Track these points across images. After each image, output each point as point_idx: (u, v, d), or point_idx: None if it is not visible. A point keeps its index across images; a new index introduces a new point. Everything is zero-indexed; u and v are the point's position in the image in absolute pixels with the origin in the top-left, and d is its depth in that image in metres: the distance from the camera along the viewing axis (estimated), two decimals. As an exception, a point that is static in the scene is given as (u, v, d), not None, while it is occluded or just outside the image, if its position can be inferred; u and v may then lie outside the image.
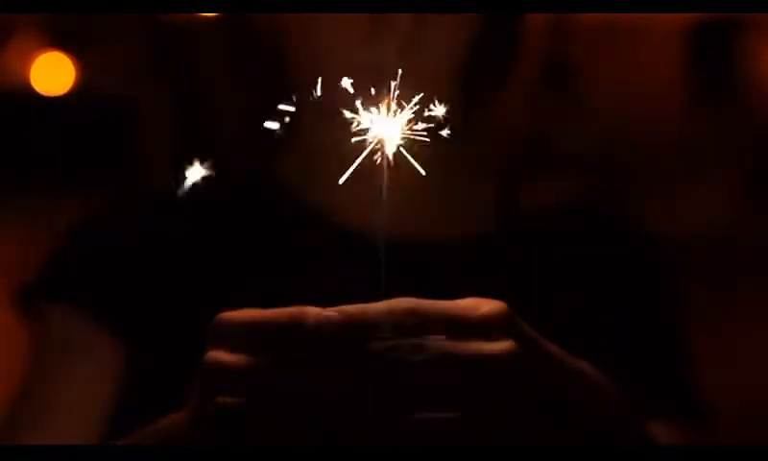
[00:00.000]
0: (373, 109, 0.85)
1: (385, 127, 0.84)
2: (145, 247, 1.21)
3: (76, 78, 1.74)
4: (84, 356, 1.18)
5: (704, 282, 1.55)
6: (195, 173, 1.29)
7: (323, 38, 1.19)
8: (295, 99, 1.24)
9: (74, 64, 1.71)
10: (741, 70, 1.89)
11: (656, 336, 1.23)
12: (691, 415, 1.22)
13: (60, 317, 1.19)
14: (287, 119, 0.92)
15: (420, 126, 0.85)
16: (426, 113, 0.85)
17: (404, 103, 0.85)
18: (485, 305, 0.81)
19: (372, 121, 0.84)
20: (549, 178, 1.29)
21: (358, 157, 0.84)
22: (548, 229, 1.24)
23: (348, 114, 0.84)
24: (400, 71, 0.85)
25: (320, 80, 1.14)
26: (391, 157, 0.84)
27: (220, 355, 0.81)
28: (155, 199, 1.27)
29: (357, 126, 0.84)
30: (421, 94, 0.85)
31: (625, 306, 1.22)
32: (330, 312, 0.79)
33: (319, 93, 0.88)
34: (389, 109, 0.85)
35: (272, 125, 0.85)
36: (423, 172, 0.83)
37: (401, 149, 0.84)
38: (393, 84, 0.85)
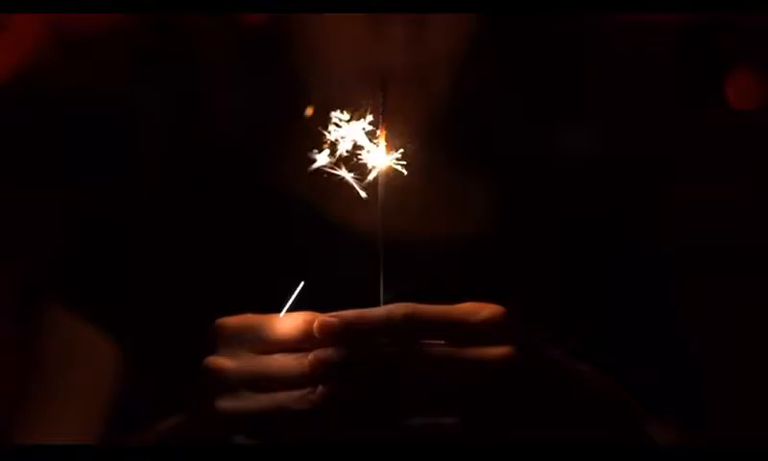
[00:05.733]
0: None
1: (380, 154, 0.85)
2: (144, 247, 1.21)
3: (75, 78, 1.74)
4: (83, 356, 1.18)
5: (705, 282, 1.54)
6: (194, 174, 1.29)
7: (323, 39, 1.19)
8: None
9: (73, 64, 1.70)
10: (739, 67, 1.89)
11: (657, 337, 1.23)
12: (691, 415, 1.22)
13: (60, 317, 1.20)
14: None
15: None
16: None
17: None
18: (484, 310, 0.81)
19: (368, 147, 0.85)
20: (549, 178, 1.29)
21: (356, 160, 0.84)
22: (548, 230, 1.24)
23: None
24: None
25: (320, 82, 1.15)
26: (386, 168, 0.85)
27: (220, 360, 0.81)
28: (154, 199, 1.27)
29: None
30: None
31: (626, 307, 1.22)
32: (330, 317, 0.79)
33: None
34: (385, 139, 0.85)
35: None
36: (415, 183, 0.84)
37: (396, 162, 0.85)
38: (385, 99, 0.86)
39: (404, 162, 0.86)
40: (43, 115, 1.80)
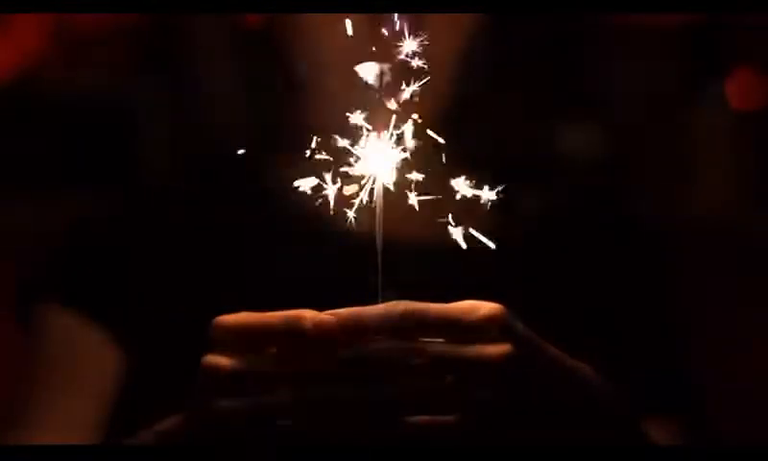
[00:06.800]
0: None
1: (379, 157, 0.85)
2: (144, 248, 1.21)
3: (75, 77, 1.74)
4: (83, 356, 1.18)
5: (704, 282, 1.54)
6: (194, 174, 1.29)
7: (322, 39, 1.19)
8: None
9: (73, 64, 1.71)
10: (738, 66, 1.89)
11: (655, 336, 1.23)
12: (691, 415, 1.21)
13: (60, 317, 1.19)
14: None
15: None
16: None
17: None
18: (483, 308, 0.81)
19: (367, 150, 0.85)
20: (549, 178, 1.29)
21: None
22: (547, 230, 1.24)
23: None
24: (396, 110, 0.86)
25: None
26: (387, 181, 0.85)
27: (218, 359, 0.81)
28: (154, 199, 1.27)
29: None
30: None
31: (625, 307, 1.22)
32: (327, 315, 0.79)
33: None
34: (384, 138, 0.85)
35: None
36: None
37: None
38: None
39: (404, 162, 0.86)
40: (44, 115, 1.80)
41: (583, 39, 1.67)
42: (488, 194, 0.89)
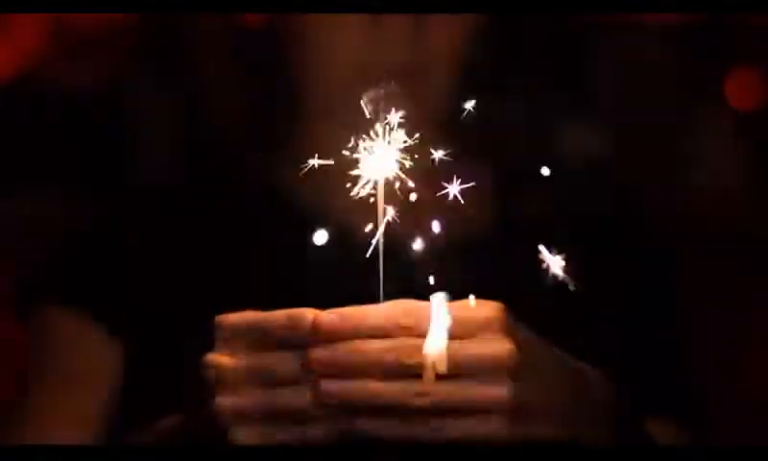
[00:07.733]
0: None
1: (380, 156, 0.85)
2: (144, 247, 1.21)
3: (75, 77, 1.74)
4: (83, 356, 1.18)
5: (704, 282, 1.54)
6: (194, 174, 1.29)
7: (322, 39, 1.19)
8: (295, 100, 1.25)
9: (73, 64, 1.71)
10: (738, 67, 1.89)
11: (656, 336, 1.23)
12: (691, 415, 1.22)
13: (60, 317, 1.20)
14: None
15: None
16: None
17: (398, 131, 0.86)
18: (484, 307, 0.81)
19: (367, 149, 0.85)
20: (548, 178, 1.29)
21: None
22: (547, 229, 1.24)
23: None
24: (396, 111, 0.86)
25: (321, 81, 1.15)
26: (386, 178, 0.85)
27: (219, 358, 0.82)
28: (154, 199, 1.27)
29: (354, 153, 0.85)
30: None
31: (625, 307, 1.22)
32: (329, 315, 0.80)
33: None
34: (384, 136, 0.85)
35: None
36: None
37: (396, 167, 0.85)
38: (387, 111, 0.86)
39: (404, 162, 0.86)
40: (44, 115, 1.80)
41: (583, 39, 1.67)
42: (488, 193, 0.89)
